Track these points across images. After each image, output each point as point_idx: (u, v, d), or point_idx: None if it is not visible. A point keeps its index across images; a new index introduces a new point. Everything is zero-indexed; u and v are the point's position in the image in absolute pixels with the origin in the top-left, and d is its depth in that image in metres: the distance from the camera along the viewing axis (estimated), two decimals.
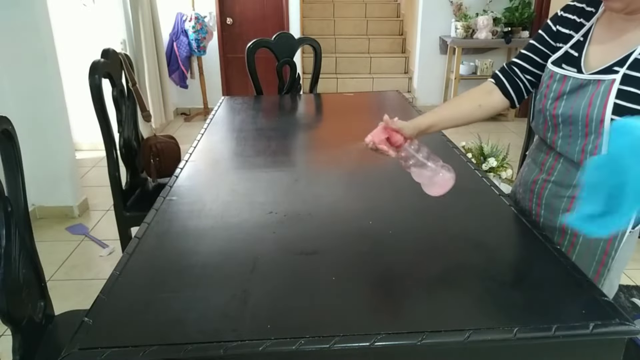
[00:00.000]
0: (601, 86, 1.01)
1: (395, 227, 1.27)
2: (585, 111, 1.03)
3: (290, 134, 2.18)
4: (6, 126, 1.11)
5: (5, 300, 1.04)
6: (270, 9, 5.25)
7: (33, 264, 1.21)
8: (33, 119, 2.83)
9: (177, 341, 0.83)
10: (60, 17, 3.72)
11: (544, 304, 0.90)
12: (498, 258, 1.11)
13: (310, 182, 1.60)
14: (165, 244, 1.17)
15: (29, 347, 1.13)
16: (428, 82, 5.35)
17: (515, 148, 2.50)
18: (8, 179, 1.15)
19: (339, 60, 5.86)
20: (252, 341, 0.82)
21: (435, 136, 1.96)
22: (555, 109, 1.10)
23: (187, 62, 5.04)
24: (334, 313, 0.91)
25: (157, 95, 4.62)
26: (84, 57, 3.13)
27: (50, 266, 2.47)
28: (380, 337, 0.82)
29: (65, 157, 3.03)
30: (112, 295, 0.97)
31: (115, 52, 2.02)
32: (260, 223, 1.26)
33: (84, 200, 3.17)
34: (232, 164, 1.78)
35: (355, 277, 1.04)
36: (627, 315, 0.86)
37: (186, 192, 1.46)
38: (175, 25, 4.89)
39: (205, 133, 2.05)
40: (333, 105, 2.80)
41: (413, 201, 1.37)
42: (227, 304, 0.94)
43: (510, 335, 0.82)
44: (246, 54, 2.76)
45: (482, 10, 4.97)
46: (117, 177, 1.95)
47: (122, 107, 2.03)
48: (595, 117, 1.01)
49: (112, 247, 2.67)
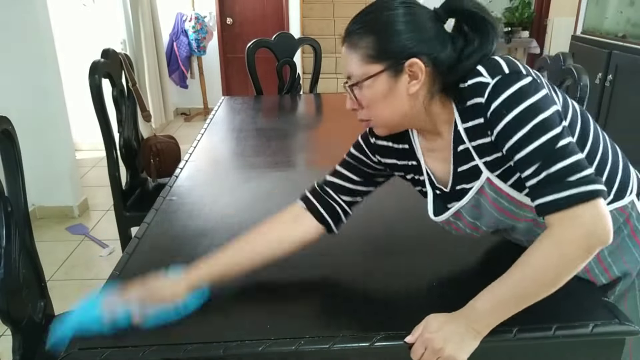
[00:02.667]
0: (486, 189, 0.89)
1: (395, 226, 1.27)
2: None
3: (290, 134, 2.18)
4: (6, 126, 1.11)
5: (5, 300, 1.04)
6: (270, 9, 5.25)
7: (33, 264, 1.21)
8: (33, 119, 2.83)
9: (177, 341, 0.83)
10: (60, 17, 3.71)
11: (544, 304, 0.89)
12: (498, 258, 1.11)
13: (311, 182, 1.59)
14: (165, 244, 1.17)
15: (29, 347, 1.12)
16: None
17: None
18: (8, 179, 1.15)
19: (339, 60, 5.86)
20: (252, 341, 0.82)
21: None
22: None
23: (187, 62, 5.05)
24: (334, 313, 0.91)
25: (157, 95, 4.62)
26: (84, 57, 3.13)
27: (50, 266, 2.47)
28: (380, 337, 0.82)
29: (65, 157, 3.03)
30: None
31: (115, 52, 2.01)
32: (260, 223, 1.26)
33: (84, 200, 3.17)
34: (232, 164, 1.78)
35: (356, 277, 1.04)
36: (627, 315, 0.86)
37: (186, 192, 1.46)
38: (175, 25, 4.89)
39: (205, 133, 2.05)
40: (333, 105, 2.80)
41: (413, 201, 1.37)
42: (227, 303, 0.94)
43: (510, 335, 0.83)
44: (246, 54, 2.76)
45: None
46: (117, 177, 1.95)
47: (122, 107, 2.03)
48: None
49: (112, 247, 2.67)
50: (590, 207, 0.74)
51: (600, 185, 0.75)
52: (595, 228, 0.74)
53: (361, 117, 0.92)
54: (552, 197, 0.75)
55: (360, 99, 0.88)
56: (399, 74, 0.84)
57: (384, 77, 0.84)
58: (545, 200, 0.76)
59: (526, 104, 0.77)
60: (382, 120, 0.91)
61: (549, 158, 0.76)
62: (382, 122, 0.91)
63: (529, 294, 0.78)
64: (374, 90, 0.86)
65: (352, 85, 0.88)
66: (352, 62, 0.87)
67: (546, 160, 0.76)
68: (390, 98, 0.86)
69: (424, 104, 0.87)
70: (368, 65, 0.85)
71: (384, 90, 0.85)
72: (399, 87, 0.85)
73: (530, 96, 0.77)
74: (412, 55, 0.82)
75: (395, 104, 0.86)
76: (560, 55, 1.66)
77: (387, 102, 0.86)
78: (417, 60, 0.82)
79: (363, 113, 0.91)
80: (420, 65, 0.82)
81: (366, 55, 0.85)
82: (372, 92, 0.86)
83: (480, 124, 0.83)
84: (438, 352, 0.77)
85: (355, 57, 0.86)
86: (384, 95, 0.86)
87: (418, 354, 0.79)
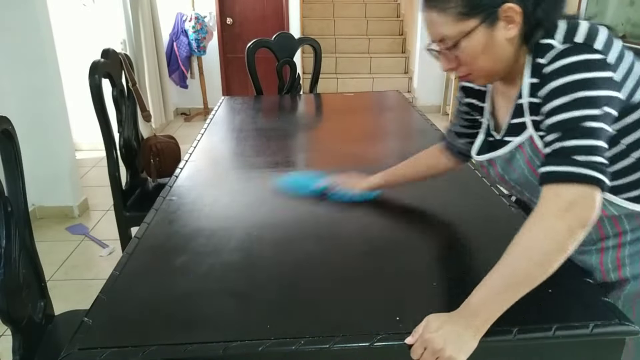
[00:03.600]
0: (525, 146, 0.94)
1: (395, 227, 1.27)
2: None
3: (290, 134, 2.18)
4: (6, 126, 1.11)
5: (5, 300, 1.04)
6: (270, 9, 5.25)
7: (33, 264, 1.21)
8: (33, 119, 2.83)
9: (177, 341, 0.83)
10: (60, 17, 3.72)
11: (544, 304, 0.90)
12: (498, 258, 1.11)
13: None
14: (165, 244, 1.17)
15: (29, 347, 1.13)
16: (428, 82, 5.35)
17: None
18: (8, 179, 1.15)
19: (339, 60, 5.86)
20: (252, 341, 0.82)
21: (435, 136, 1.96)
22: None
23: (187, 62, 5.04)
24: (334, 313, 0.91)
25: (157, 95, 4.62)
26: (84, 57, 3.13)
27: (50, 266, 2.47)
28: (380, 337, 0.82)
29: (65, 157, 3.03)
30: (112, 295, 0.97)
31: (115, 52, 2.02)
32: (260, 223, 1.26)
33: (84, 200, 3.17)
34: (232, 164, 1.78)
35: (356, 277, 1.04)
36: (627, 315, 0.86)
37: (186, 192, 1.46)
38: (175, 25, 4.89)
39: (205, 133, 2.05)
40: (333, 105, 2.80)
41: (413, 201, 1.38)
42: (227, 303, 0.94)
43: (510, 335, 0.82)
44: (246, 54, 2.76)
45: None
46: (117, 177, 1.95)
47: (122, 107, 2.03)
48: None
49: (112, 247, 2.67)
50: (582, 190, 0.75)
51: (604, 177, 0.75)
52: (577, 207, 0.75)
53: (460, 73, 0.93)
54: (553, 168, 0.77)
55: (458, 57, 0.89)
56: (495, 22, 0.84)
57: (481, 30, 0.85)
58: (546, 170, 0.78)
59: (578, 76, 0.78)
60: (484, 72, 0.92)
61: (570, 132, 0.77)
62: (484, 74, 0.92)
63: (521, 277, 0.77)
64: (472, 46, 0.86)
65: (449, 47, 0.88)
66: (442, 24, 0.87)
67: (566, 133, 0.78)
68: (490, 49, 0.87)
69: (515, 49, 0.88)
70: (461, 23, 0.85)
71: (483, 43, 0.86)
72: (497, 35, 0.86)
73: (587, 71, 0.78)
74: (505, 1, 0.83)
75: (496, 52, 0.87)
76: None
77: (488, 53, 0.87)
78: (510, 4, 0.83)
79: (462, 69, 0.92)
80: (514, 8, 0.83)
81: (457, 13, 0.85)
82: (470, 47, 0.87)
83: (537, 83, 0.85)
84: (438, 352, 0.76)
85: (445, 18, 0.86)
86: (484, 47, 0.86)
87: (417, 353, 0.79)
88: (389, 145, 2.03)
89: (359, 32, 6.17)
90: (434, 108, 5.39)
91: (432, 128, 2.06)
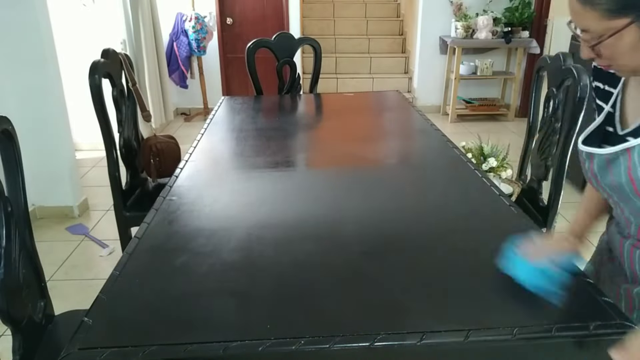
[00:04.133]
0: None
1: (395, 227, 1.27)
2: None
3: (290, 134, 2.18)
4: (6, 126, 1.10)
5: (5, 300, 1.04)
6: (270, 9, 5.25)
7: (33, 264, 1.21)
8: (33, 119, 2.83)
9: (177, 341, 0.83)
10: (60, 17, 3.72)
11: (544, 304, 0.90)
12: (498, 258, 1.11)
13: (311, 182, 1.60)
14: (165, 244, 1.17)
15: (29, 347, 1.12)
16: (428, 82, 5.35)
17: (515, 148, 2.51)
18: (8, 179, 1.15)
19: (339, 60, 5.86)
20: (252, 341, 0.82)
21: (435, 136, 1.96)
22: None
23: (187, 62, 5.04)
24: (334, 313, 0.91)
25: (157, 95, 4.62)
26: (84, 57, 3.13)
27: (50, 266, 2.47)
28: (380, 337, 0.82)
29: (65, 157, 3.03)
30: (112, 295, 0.97)
31: (115, 52, 2.01)
32: (260, 223, 1.26)
33: (84, 200, 3.17)
34: (232, 164, 1.78)
35: (356, 277, 1.04)
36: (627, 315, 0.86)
37: (186, 192, 1.46)
38: (175, 25, 4.89)
39: (205, 133, 2.05)
40: (333, 105, 2.80)
41: (413, 201, 1.38)
42: (227, 303, 0.94)
43: (510, 335, 0.82)
44: (246, 54, 2.76)
45: (482, 10, 4.97)
46: (117, 177, 1.95)
47: (122, 107, 2.03)
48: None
49: (112, 247, 2.67)
50: None
51: None
52: None
53: (601, 64, 0.90)
54: None
55: (602, 51, 0.86)
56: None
57: (632, 29, 0.81)
58: None
59: None
60: (630, 68, 0.88)
61: None
62: (629, 70, 0.89)
63: None
64: (621, 43, 0.83)
65: (592, 43, 0.85)
66: (589, 18, 0.84)
67: None
68: (638, 49, 0.83)
69: None
70: (610, 21, 0.82)
71: (632, 42, 0.83)
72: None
73: None
74: None
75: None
76: (560, 55, 1.66)
77: (635, 52, 0.84)
78: None
79: (603, 61, 0.89)
80: None
81: (607, 10, 0.81)
82: (618, 45, 0.83)
83: None
84: None
85: (592, 13, 0.83)
86: (632, 46, 0.83)
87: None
88: (389, 145, 2.03)
89: (359, 32, 6.17)
90: (434, 108, 5.39)
91: (432, 128, 2.06)
